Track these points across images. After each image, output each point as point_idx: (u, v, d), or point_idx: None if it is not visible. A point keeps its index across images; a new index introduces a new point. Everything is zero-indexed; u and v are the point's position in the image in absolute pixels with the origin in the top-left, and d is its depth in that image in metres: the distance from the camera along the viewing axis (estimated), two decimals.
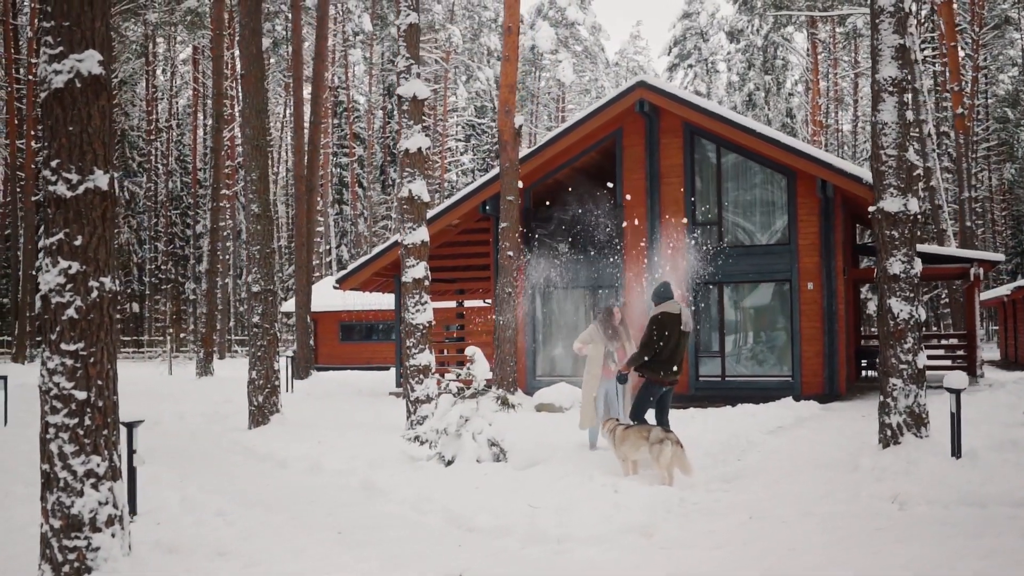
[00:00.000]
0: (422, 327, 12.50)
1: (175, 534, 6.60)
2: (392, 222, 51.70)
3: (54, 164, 5.21)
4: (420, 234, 12.76)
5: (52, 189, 5.20)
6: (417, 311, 12.51)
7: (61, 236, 5.20)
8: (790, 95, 56.06)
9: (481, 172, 54.66)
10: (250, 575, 5.87)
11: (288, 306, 34.80)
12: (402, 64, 13.13)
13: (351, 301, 31.23)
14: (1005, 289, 27.65)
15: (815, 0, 43.49)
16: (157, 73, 56.21)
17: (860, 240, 25.37)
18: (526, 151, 18.74)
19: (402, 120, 13.01)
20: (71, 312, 5.19)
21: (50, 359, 5.22)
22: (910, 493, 7.34)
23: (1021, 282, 27.00)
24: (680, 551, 6.36)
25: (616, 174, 18.10)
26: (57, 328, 5.21)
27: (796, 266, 16.62)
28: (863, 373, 21.64)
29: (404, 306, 12.75)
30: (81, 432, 5.22)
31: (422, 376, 12.37)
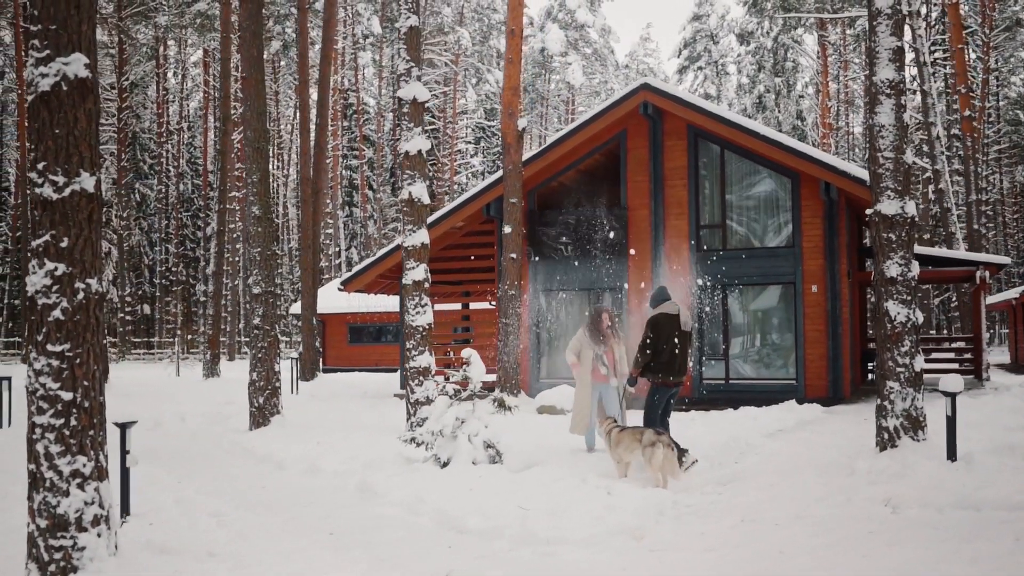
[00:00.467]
0: (422, 329, 12.51)
1: (167, 535, 6.62)
2: (400, 224, 51.72)
3: (40, 166, 5.25)
4: (420, 236, 12.79)
5: (39, 191, 5.25)
6: (417, 313, 12.53)
7: (47, 238, 5.24)
8: (800, 97, 55.92)
9: (491, 174, 54.68)
10: None
11: (297, 308, 34.88)
12: (402, 67, 13.16)
13: (360, 303, 31.31)
14: (1014, 292, 27.48)
15: (825, 2, 43.33)
16: (168, 76, 56.47)
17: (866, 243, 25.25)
18: (530, 154, 18.74)
19: (402, 122, 13.04)
20: (57, 313, 5.23)
21: (36, 360, 5.27)
22: (904, 496, 7.29)
23: None
24: (670, 553, 6.35)
25: (620, 176, 18.09)
26: (43, 329, 5.26)
27: (800, 269, 16.56)
28: (869, 376, 21.51)
29: (404, 308, 12.77)
30: (67, 432, 5.28)
31: (422, 378, 12.39)
